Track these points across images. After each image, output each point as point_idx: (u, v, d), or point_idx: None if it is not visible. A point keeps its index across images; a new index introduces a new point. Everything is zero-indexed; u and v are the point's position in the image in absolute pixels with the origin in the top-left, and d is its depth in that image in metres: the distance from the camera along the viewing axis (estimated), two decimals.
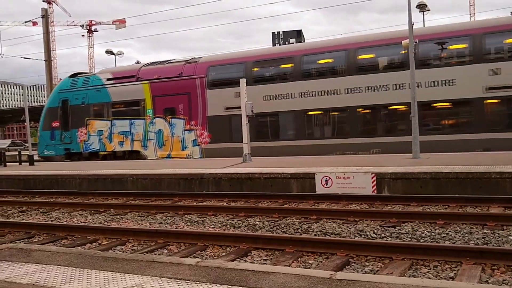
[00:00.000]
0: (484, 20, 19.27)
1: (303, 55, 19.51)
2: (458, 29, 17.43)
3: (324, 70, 19.34)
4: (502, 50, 16.62)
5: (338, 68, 19.06)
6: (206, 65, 21.32)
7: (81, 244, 7.49)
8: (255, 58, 20.63)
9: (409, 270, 5.35)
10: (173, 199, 11.85)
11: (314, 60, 19.53)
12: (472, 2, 74.40)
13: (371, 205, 9.84)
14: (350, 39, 19.79)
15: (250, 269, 4.32)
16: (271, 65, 20.51)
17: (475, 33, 16.79)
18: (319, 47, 19.92)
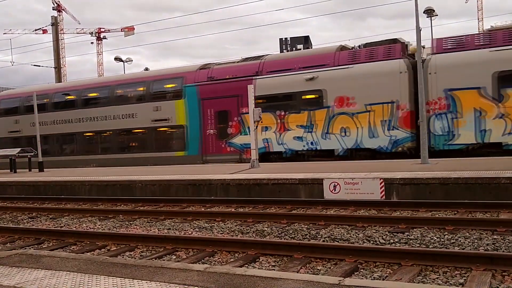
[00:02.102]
0: (152, 71, 26.47)
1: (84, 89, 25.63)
2: (138, 77, 24.57)
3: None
4: (162, 93, 22.93)
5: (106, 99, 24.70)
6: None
7: (90, 250, 7.53)
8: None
9: (418, 276, 5.32)
10: (182, 205, 11.87)
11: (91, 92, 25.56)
12: (480, 7, 74.11)
13: (380, 210, 9.80)
14: (112, 77, 26.68)
15: (258, 275, 4.31)
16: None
17: (147, 80, 23.48)
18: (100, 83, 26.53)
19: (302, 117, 18.88)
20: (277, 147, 19.70)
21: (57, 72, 38.86)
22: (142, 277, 4.42)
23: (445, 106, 16.71)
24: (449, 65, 16.72)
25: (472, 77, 16.21)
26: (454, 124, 16.62)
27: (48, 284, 4.30)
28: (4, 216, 11.94)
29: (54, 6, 71.56)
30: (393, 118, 17.43)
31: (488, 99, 16.04)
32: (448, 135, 16.78)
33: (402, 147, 17.49)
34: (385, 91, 17.43)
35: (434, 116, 16.89)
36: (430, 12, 30.57)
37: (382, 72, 17.52)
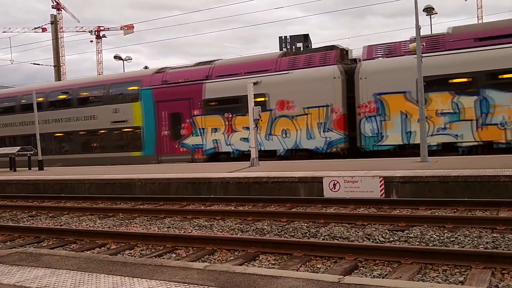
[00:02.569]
0: (112, 75, 27.60)
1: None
2: (99, 80, 25.51)
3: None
4: (120, 96, 23.92)
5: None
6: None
7: (90, 248, 7.53)
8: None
9: (418, 274, 5.32)
10: (181, 204, 11.87)
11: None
12: (480, 5, 73.95)
13: (379, 209, 9.80)
14: (77, 80, 28.04)
15: (258, 273, 4.32)
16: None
17: (106, 83, 24.38)
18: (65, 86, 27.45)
19: (248, 119, 19.15)
20: (226, 147, 20.71)
21: (57, 70, 38.84)
22: (142, 275, 4.42)
23: (375, 109, 17.69)
24: (378, 71, 17.69)
25: (398, 82, 17.16)
26: (382, 126, 17.64)
27: (48, 282, 4.30)
28: (4, 214, 11.95)
29: (54, 5, 71.44)
30: (328, 121, 18.52)
31: (413, 103, 16.96)
32: (377, 136, 17.79)
33: (336, 147, 18.62)
34: (321, 95, 18.43)
35: (365, 118, 17.97)
36: (429, 10, 30.55)
37: (318, 78, 18.50)
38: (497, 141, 16.09)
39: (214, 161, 20.43)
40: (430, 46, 17.15)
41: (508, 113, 15.82)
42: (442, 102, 16.73)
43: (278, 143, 19.62)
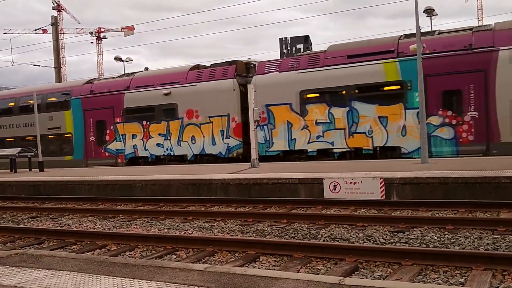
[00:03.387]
0: (49, 85, 29.17)
1: None
2: (37, 90, 25.75)
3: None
4: (54, 104, 25.90)
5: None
6: None
7: (91, 249, 7.53)
8: None
9: (418, 276, 5.32)
10: (182, 205, 11.87)
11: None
12: (480, 6, 74.00)
13: (380, 210, 9.80)
14: (19, 90, 29.99)
15: (258, 275, 4.31)
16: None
17: (43, 93, 26.00)
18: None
19: (161, 126, 22.26)
20: (143, 152, 22.88)
21: (57, 72, 38.88)
22: (142, 276, 4.42)
23: (265, 118, 19.60)
24: (266, 84, 19.68)
25: (283, 95, 19.27)
26: (272, 134, 19.77)
27: (48, 283, 4.30)
28: (4, 215, 11.95)
29: (54, 6, 71.50)
30: (227, 129, 20.70)
31: (295, 113, 19.15)
32: (267, 143, 19.88)
33: (235, 153, 20.70)
34: (221, 105, 20.66)
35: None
36: (430, 11, 30.53)
37: (219, 89, 20.69)
38: (364, 147, 17.97)
39: (133, 165, 22.62)
40: (309, 62, 19.26)
41: (373, 123, 17.77)
42: (319, 113, 18.68)
43: (187, 149, 21.75)
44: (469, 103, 16.49)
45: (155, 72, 24.50)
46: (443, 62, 16.70)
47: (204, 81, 21.32)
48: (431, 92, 16.68)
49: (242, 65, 21.90)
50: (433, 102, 16.83)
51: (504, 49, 15.96)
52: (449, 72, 16.60)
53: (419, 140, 15.70)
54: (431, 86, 16.69)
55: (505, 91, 15.92)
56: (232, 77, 20.69)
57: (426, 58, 16.11)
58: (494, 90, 16.09)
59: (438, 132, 16.99)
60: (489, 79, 16.15)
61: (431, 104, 16.80)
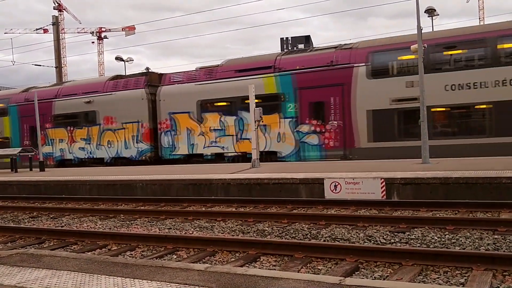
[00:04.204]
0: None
1: None
2: None
3: None
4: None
5: None
6: None
7: (91, 249, 7.54)
8: None
9: (419, 276, 5.32)
10: (182, 205, 11.88)
11: None
12: (482, 7, 73.90)
13: (381, 210, 9.80)
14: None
15: (259, 275, 4.31)
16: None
17: None
18: None
19: (84, 132, 24.33)
20: (69, 155, 24.88)
21: (58, 71, 38.89)
22: (143, 276, 4.42)
23: (169, 125, 21.81)
24: (170, 94, 21.83)
25: (185, 104, 21.32)
26: (175, 140, 21.75)
27: (49, 283, 4.30)
28: (5, 215, 11.96)
29: (55, 6, 71.51)
30: (139, 134, 22.64)
31: (194, 121, 21.23)
32: (172, 147, 21.91)
33: (145, 156, 22.64)
34: (134, 113, 22.51)
35: (163, 133, 22.09)
36: (431, 11, 30.50)
37: (131, 98, 22.56)
38: (250, 152, 18.58)
39: (62, 167, 24.52)
40: (206, 75, 21.42)
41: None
42: (213, 121, 20.79)
43: (105, 152, 23.70)
44: (332, 113, 18.52)
45: (80, 82, 27.04)
46: (311, 77, 18.67)
47: (120, 90, 23.31)
48: (301, 103, 18.95)
49: (156, 75, 23.78)
50: (303, 112, 18.98)
51: (360, 66, 17.96)
52: (315, 85, 18.58)
53: (292, 146, 19.07)
54: (301, 98, 18.91)
55: (361, 102, 17.91)
56: (143, 87, 22.70)
57: (297, 74, 18.90)
58: (351, 102, 18.09)
59: (307, 138, 19.06)
60: (347, 92, 18.11)
61: (302, 114, 19.00)
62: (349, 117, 18.12)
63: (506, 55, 16.20)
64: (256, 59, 21.08)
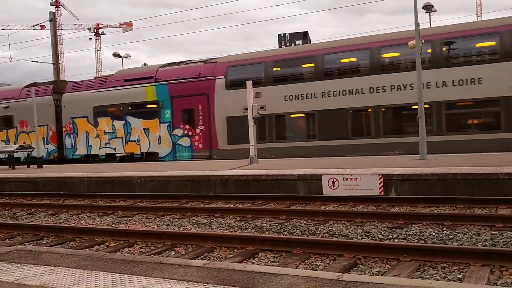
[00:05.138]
0: None
1: None
2: None
3: None
4: None
5: None
6: None
7: (89, 246, 7.54)
8: None
9: (416, 272, 5.33)
10: (181, 201, 11.88)
11: None
12: (479, 3, 73.83)
13: (378, 206, 9.82)
14: None
15: (257, 271, 4.32)
16: None
17: None
18: None
19: (3, 134, 26.60)
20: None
21: (56, 68, 38.79)
22: (141, 273, 4.42)
23: (71, 128, 24.38)
24: (71, 101, 24.38)
25: (83, 109, 23.89)
26: (76, 141, 24.31)
27: (47, 280, 4.30)
28: (3, 212, 11.94)
29: (52, 2, 71.17)
30: (47, 136, 25.12)
31: (91, 125, 23.78)
32: (73, 148, 24.47)
33: (52, 156, 25.20)
34: (43, 117, 24.50)
35: (67, 135, 24.56)
36: (429, 7, 30.49)
37: (41, 104, 24.35)
38: (136, 152, 22.74)
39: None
40: (99, 84, 23.99)
41: (140, 133, 22.48)
42: (106, 125, 23.33)
43: (20, 153, 24.91)
44: (199, 119, 21.14)
45: (1, 89, 30.24)
46: (182, 87, 21.35)
47: (31, 97, 24.65)
48: (175, 110, 21.61)
49: (64, 83, 26.36)
50: (177, 118, 21.62)
51: (219, 78, 20.70)
52: (186, 94, 21.25)
53: (169, 147, 21.82)
54: (175, 105, 21.59)
55: (220, 110, 20.60)
56: (50, 94, 25.25)
57: (171, 84, 21.63)
58: (213, 109, 20.72)
59: (180, 141, 21.68)
60: (211, 100, 20.79)
61: (176, 120, 21.63)
62: (213, 123, 20.86)
63: (329, 71, 19.08)
64: (141, 70, 24.35)
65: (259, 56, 20.81)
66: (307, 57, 19.60)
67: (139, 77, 22.68)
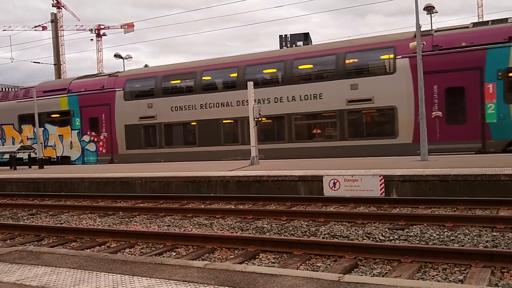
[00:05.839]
0: None
1: None
2: None
3: None
4: None
5: None
6: None
7: (90, 246, 7.54)
8: None
9: (417, 273, 5.33)
10: (181, 202, 11.88)
11: None
12: (480, 4, 73.90)
13: (379, 207, 9.80)
14: None
15: (258, 272, 4.32)
16: None
17: None
18: None
19: None
20: None
21: (57, 69, 38.83)
22: (142, 273, 4.42)
23: (0, 134, 26.76)
24: (0, 109, 26.56)
25: (9, 117, 26.26)
26: (3, 146, 26.32)
27: (48, 280, 4.31)
28: (4, 212, 11.95)
29: (54, 3, 71.41)
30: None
31: (16, 131, 26.15)
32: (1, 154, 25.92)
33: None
34: None
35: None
36: (430, 9, 30.46)
37: None
38: (53, 156, 24.98)
39: None
40: (24, 94, 26.18)
41: (56, 139, 24.93)
42: (29, 131, 25.60)
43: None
44: (103, 126, 23.34)
45: None
46: (90, 97, 23.64)
47: None
48: (83, 118, 23.90)
49: None
50: (85, 125, 23.86)
51: (119, 90, 22.89)
52: (92, 104, 23.52)
53: (79, 152, 24.23)
54: (83, 114, 23.88)
55: (119, 119, 22.82)
56: None
57: (80, 95, 23.89)
58: (114, 118, 22.93)
59: (88, 146, 23.94)
60: (113, 110, 22.98)
61: (84, 127, 23.95)
62: (114, 130, 23.04)
63: (205, 86, 21.18)
64: (58, 83, 27.11)
65: (153, 71, 23.49)
66: (188, 73, 21.79)
67: (56, 88, 25.36)
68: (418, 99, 14.60)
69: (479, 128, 15.82)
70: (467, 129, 15.99)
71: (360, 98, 17.55)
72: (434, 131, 16.24)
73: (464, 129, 16.06)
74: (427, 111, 14.88)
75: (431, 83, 16.16)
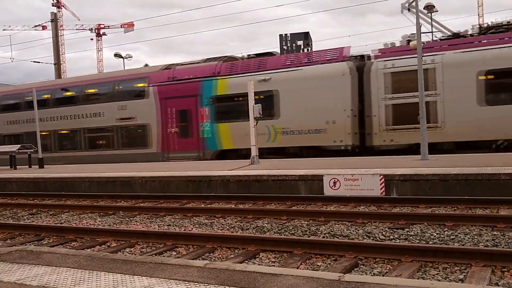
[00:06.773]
0: None
1: None
2: None
3: None
4: None
5: None
6: None
7: (91, 246, 7.54)
8: None
9: (418, 272, 5.33)
10: (182, 201, 11.88)
11: None
12: (481, 3, 73.87)
13: (380, 207, 9.81)
14: None
15: (258, 271, 4.32)
16: None
17: None
18: None
19: None
20: None
21: (57, 68, 38.83)
22: (142, 273, 4.43)
23: None
24: None
25: None
26: None
27: (48, 280, 4.31)
28: (4, 212, 11.96)
29: (54, 2, 71.43)
30: None
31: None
32: None
33: None
34: None
35: None
36: (430, 8, 30.43)
37: None
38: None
39: None
40: None
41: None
42: None
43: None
44: None
45: None
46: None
47: None
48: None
49: None
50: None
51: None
52: None
53: None
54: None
55: None
56: None
57: None
58: None
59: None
60: None
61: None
62: None
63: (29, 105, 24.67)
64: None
65: (17, 89, 27.43)
66: (24, 93, 25.60)
67: None
68: (419, 101, 14.60)
69: (200, 141, 20.90)
70: (192, 142, 21.08)
71: (127, 117, 22.69)
72: (173, 143, 21.47)
73: (190, 141, 21.12)
74: (166, 128, 21.26)
75: (170, 106, 21.36)
